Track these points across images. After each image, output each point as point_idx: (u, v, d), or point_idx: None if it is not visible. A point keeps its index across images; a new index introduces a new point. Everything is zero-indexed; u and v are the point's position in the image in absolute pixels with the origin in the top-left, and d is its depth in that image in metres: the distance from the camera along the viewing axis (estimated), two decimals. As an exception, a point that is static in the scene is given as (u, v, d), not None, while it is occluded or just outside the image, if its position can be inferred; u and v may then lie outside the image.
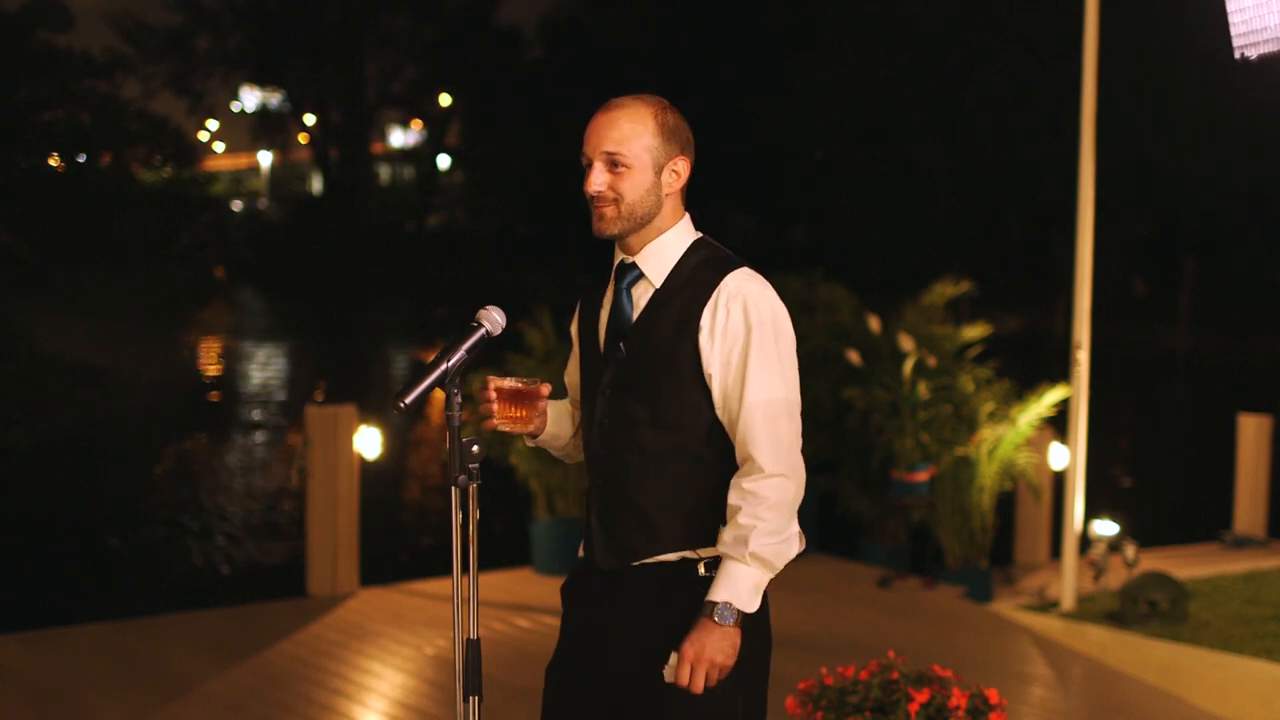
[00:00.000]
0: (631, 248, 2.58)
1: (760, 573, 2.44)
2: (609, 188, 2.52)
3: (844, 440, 8.25)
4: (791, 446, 2.48)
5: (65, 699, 5.40)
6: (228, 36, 43.48)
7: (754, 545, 2.41)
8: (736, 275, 2.51)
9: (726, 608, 2.41)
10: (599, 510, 2.60)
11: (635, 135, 2.51)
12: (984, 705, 3.72)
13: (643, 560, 2.53)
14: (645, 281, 2.57)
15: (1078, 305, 6.92)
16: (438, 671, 5.82)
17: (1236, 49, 5.85)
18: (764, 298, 2.50)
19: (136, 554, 9.98)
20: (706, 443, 2.52)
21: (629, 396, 2.54)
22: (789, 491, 2.46)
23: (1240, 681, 5.94)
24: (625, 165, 2.51)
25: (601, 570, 2.60)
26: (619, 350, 2.55)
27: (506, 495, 7.93)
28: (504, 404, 2.52)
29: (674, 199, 2.58)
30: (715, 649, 2.41)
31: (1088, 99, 6.80)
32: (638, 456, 2.53)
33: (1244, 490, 9.33)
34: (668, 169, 2.55)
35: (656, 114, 2.54)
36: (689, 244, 2.59)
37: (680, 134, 2.56)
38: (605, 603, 2.58)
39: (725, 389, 2.48)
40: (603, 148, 2.51)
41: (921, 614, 7.12)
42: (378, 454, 7.31)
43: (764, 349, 2.47)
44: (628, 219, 2.53)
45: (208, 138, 52.56)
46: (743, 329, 2.47)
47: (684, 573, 2.52)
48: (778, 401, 2.47)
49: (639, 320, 2.55)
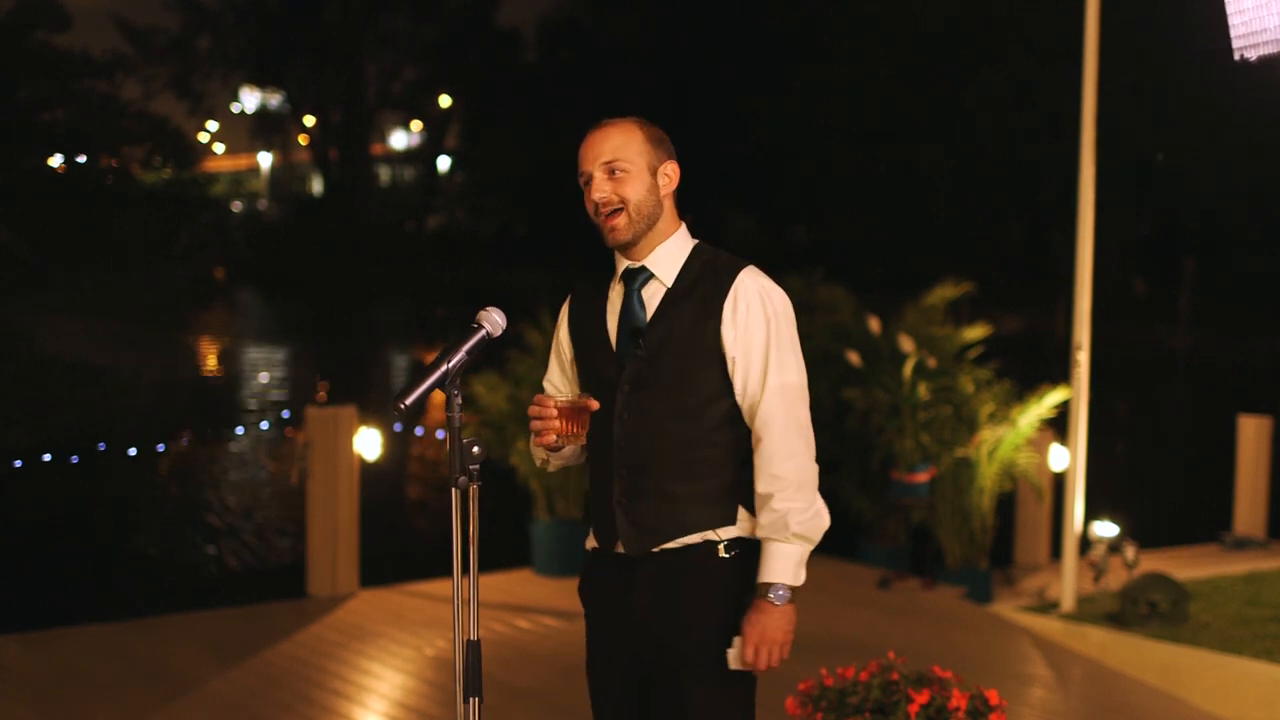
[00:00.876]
0: (637, 254, 2.74)
1: (803, 548, 2.65)
2: (613, 193, 2.69)
3: (844, 441, 8.25)
4: (808, 427, 2.72)
5: (65, 699, 5.40)
6: (228, 37, 43.47)
7: (794, 525, 2.62)
8: (749, 272, 2.72)
9: (781, 588, 2.62)
10: (622, 500, 2.72)
11: (628, 143, 2.71)
12: (984, 706, 3.72)
13: (666, 545, 2.69)
14: (656, 282, 2.73)
15: (1078, 305, 6.91)
16: (438, 672, 5.82)
17: (1236, 50, 5.85)
18: (776, 292, 2.72)
19: (137, 554, 9.98)
20: (723, 429, 2.70)
21: (650, 390, 2.69)
22: (811, 470, 2.69)
23: (1240, 682, 5.94)
24: (624, 169, 2.69)
25: (619, 558, 2.73)
26: (638, 348, 2.69)
27: (507, 496, 7.93)
28: (564, 420, 2.64)
29: (670, 203, 2.77)
30: (776, 628, 2.61)
31: (1088, 99, 6.80)
32: (661, 446, 2.68)
33: (1244, 491, 9.33)
34: (660, 171, 2.73)
35: (640, 125, 2.75)
36: (692, 247, 2.78)
37: (665, 143, 2.77)
38: (626, 591, 2.72)
39: (747, 376, 2.68)
40: (600, 159, 2.70)
41: (921, 615, 7.12)
42: (378, 455, 7.31)
43: (782, 339, 2.69)
44: (637, 221, 2.70)
45: (208, 138, 52.53)
46: (762, 320, 2.67)
47: (706, 553, 2.68)
48: (795, 386, 2.69)
49: (655, 318, 2.71)
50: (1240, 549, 8.93)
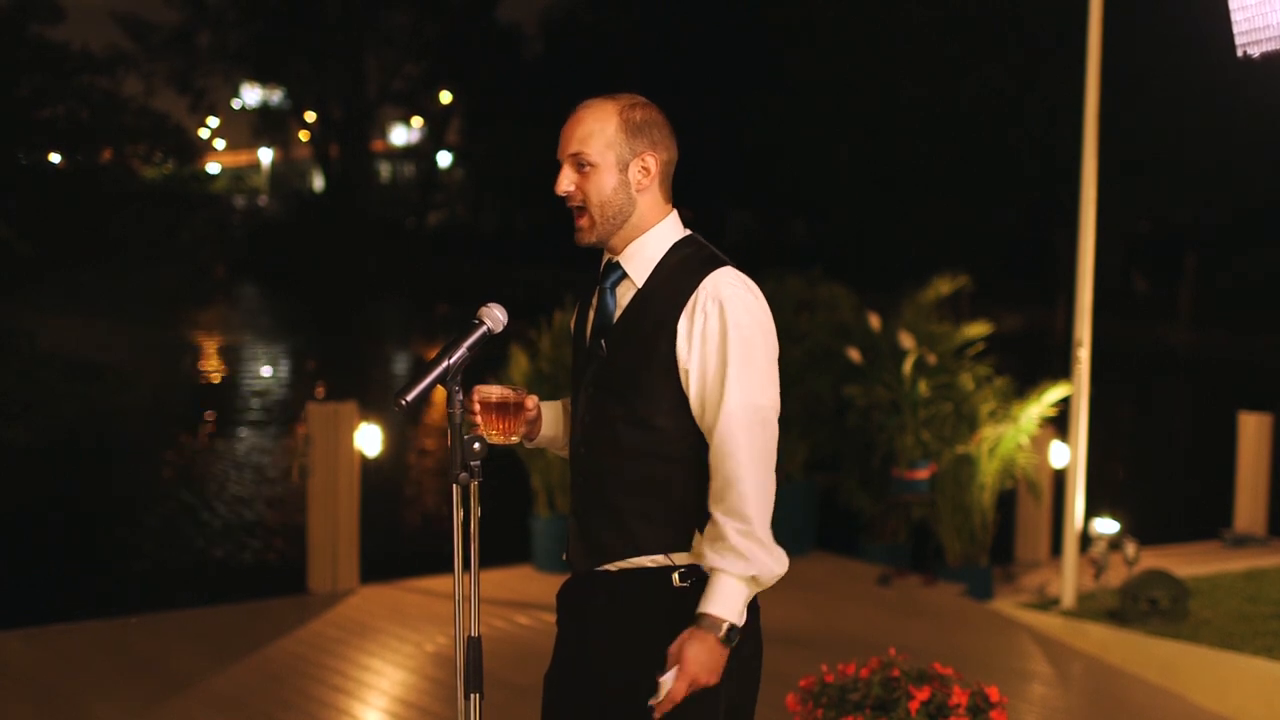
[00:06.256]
0: (615, 247, 2.56)
1: (750, 589, 2.38)
2: (576, 188, 2.50)
3: (845, 438, 8.26)
4: (768, 455, 2.41)
5: (66, 695, 5.41)
6: (229, 33, 43.46)
7: (749, 560, 2.35)
8: (716, 276, 2.45)
9: (718, 622, 2.34)
10: (576, 508, 2.58)
11: (598, 133, 2.48)
12: (984, 703, 3.72)
13: (617, 563, 2.49)
14: (628, 281, 2.54)
15: (1079, 302, 6.91)
16: (438, 669, 5.82)
17: (1239, 47, 5.84)
18: (742, 300, 2.43)
19: (137, 550, 9.98)
20: (683, 445, 2.46)
21: (607, 394, 2.51)
22: (767, 502, 2.39)
23: (1240, 679, 5.94)
24: (590, 164, 2.49)
25: (578, 572, 2.58)
26: (600, 348, 2.53)
27: (506, 492, 7.93)
28: (487, 416, 2.47)
29: (651, 195, 2.54)
30: (699, 665, 2.34)
31: (1090, 97, 6.79)
32: (614, 455, 2.49)
33: (1244, 488, 9.33)
34: (635, 165, 2.50)
35: (621, 110, 2.51)
36: (672, 243, 2.54)
37: (649, 130, 2.52)
38: (585, 612, 2.55)
39: (703, 394, 2.43)
40: (569, 149, 2.51)
41: (922, 612, 7.12)
42: (378, 451, 7.31)
43: (742, 353, 2.40)
44: (601, 224, 2.51)
45: (209, 134, 52.49)
46: (719, 333, 2.41)
47: (659, 581, 2.46)
48: (757, 409, 2.40)
49: (620, 319, 2.52)
50: (1240, 546, 8.93)
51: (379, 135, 52.15)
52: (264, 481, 12.33)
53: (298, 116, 46.87)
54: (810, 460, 8.37)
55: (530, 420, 2.59)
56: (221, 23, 43.17)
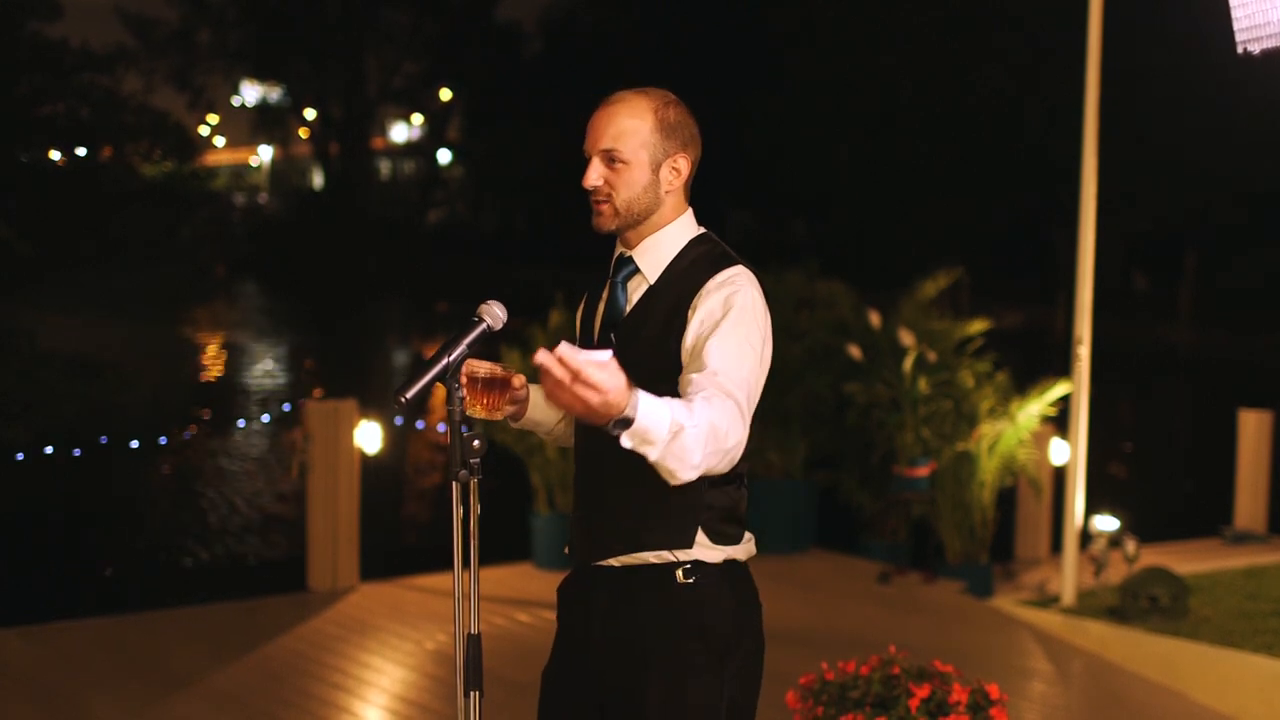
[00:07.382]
0: (629, 242, 2.55)
1: (662, 443, 2.14)
2: (605, 183, 2.48)
3: (845, 435, 8.26)
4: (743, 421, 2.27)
5: (65, 693, 5.41)
6: (229, 31, 43.45)
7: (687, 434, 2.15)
8: (727, 272, 2.46)
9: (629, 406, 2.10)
10: (579, 503, 2.58)
11: (633, 131, 2.47)
12: (985, 700, 3.72)
13: (621, 558, 2.49)
14: (640, 276, 2.53)
15: (1079, 300, 6.91)
16: (438, 666, 5.82)
17: (1239, 44, 5.84)
18: (747, 293, 2.43)
19: (137, 548, 9.98)
20: None
21: None
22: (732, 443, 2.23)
23: (1240, 677, 5.94)
24: (622, 162, 2.47)
25: (581, 567, 2.57)
26: (610, 342, 2.51)
27: (506, 489, 7.93)
28: (473, 391, 2.43)
29: (675, 195, 2.54)
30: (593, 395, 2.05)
31: (1090, 97, 6.79)
32: (618, 450, 2.43)
33: (1244, 485, 9.33)
34: (667, 166, 2.50)
35: (657, 109, 2.49)
36: (687, 240, 2.54)
37: (682, 130, 2.51)
38: (586, 608, 2.55)
39: (690, 354, 2.38)
40: (600, 144, 2.48)
41: (922, 609, 7.12)
42: (378, 449, 7.31)
43: (738, 327, 2.37)
44: (624, 216, 2.50)
45: (208, 132, 52.46)
46: (720, 311, 2.39)
47: (664, 577, 2.46)
48: (741, 379, 2.30)
49: (631, 314, 2.52)
50: (1241, 543, 8.94)
51: (379, 133, 52.14)
52: (264, 479, 12.33)
53: (297, 114, 46.87)
54: (810, 458, 8.37)
55: (518, 400, 2.58)
56: (222, 21, 43.17)
